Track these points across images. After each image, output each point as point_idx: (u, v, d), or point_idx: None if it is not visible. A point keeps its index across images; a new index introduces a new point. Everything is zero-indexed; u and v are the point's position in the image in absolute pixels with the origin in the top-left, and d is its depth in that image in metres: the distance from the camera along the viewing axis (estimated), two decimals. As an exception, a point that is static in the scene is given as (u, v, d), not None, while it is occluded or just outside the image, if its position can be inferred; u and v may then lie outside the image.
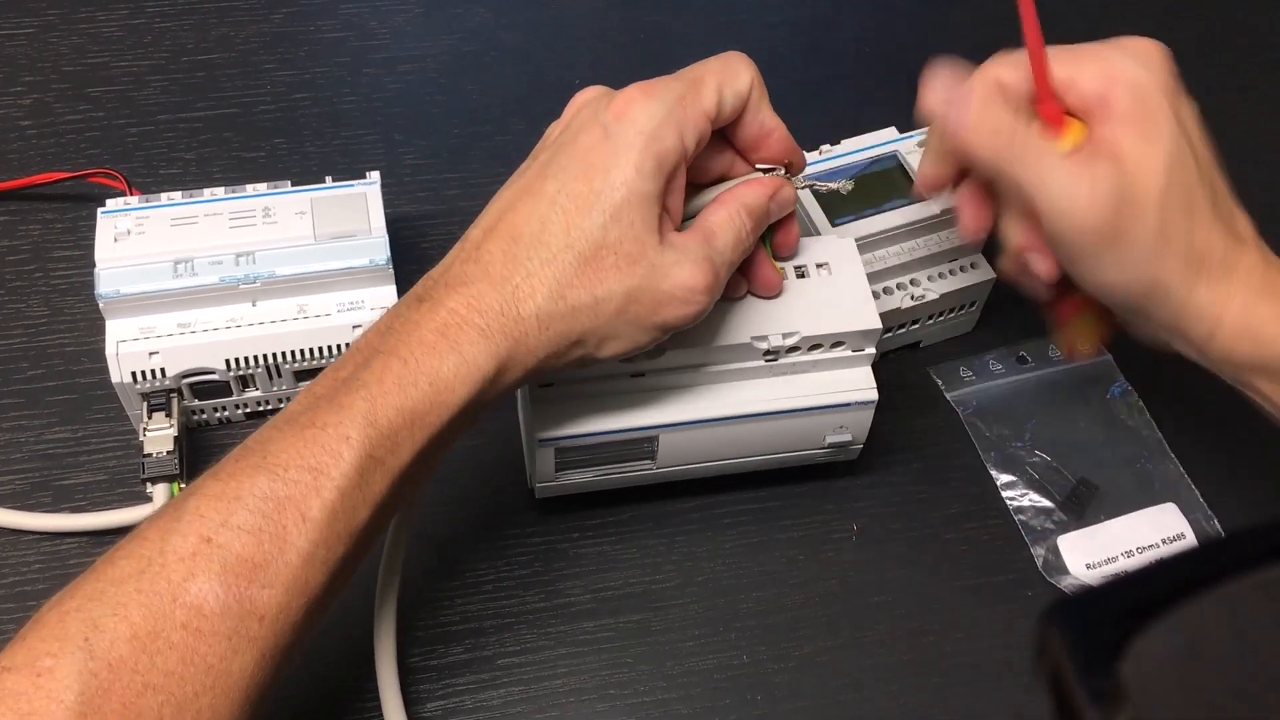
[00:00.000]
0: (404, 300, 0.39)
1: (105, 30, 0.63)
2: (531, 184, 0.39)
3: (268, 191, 0.49)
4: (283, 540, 0.34)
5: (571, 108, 0.42)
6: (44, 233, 0.55)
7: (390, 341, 0.37)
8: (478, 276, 0.38)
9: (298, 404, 0.37)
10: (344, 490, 0.35)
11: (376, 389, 0.36)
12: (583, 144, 0.39)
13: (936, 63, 0.43)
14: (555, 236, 0.38)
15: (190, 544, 0.33)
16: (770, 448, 0.46)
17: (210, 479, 0.35)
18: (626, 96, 0.39)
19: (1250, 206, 0.43)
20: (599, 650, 0.46)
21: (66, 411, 0.50)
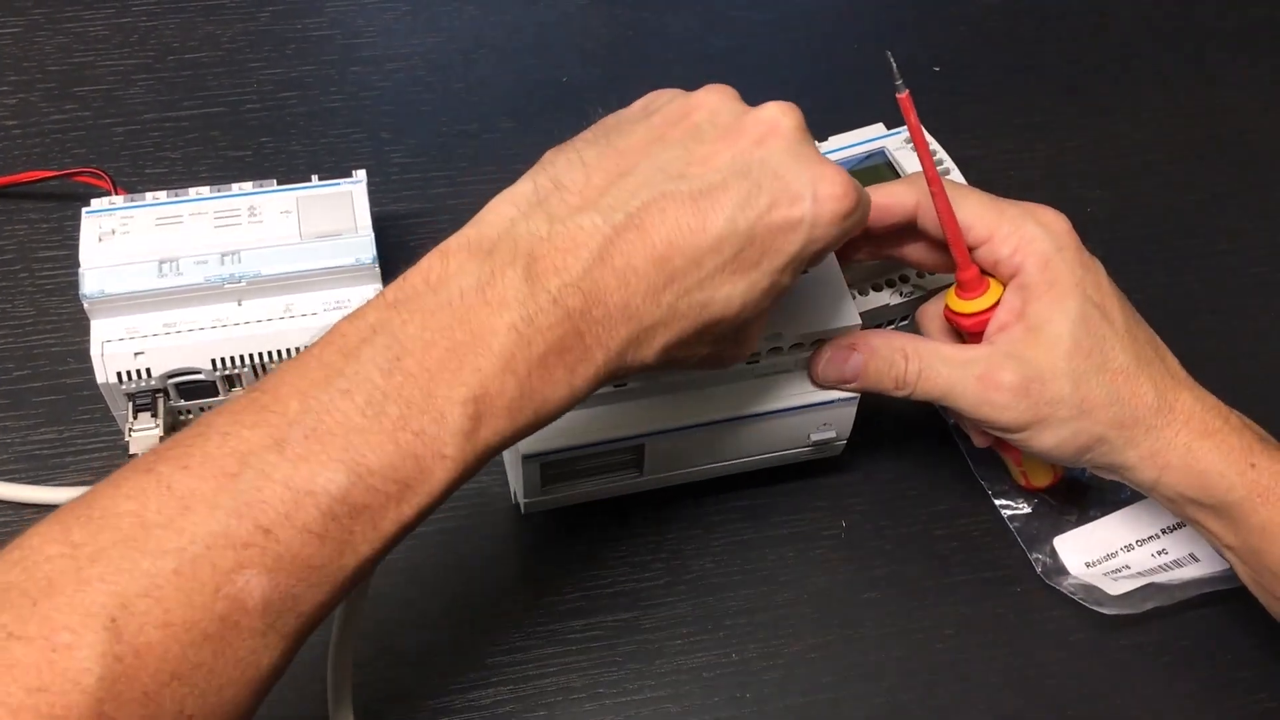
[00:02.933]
0: (522, 262, 0.33)
1: (91, 29, 0.62)
2: (701, 204, 0.35)
3: (253, 191, 0.49)
4: (346, 546, 0.31)
5: (712, 95, 0.37)
6: (29, 232, 0.55)
7: (510, 345, 0.32)
8: (616, 302, 0.34)
9: (379, 368, 0.31)
10: (423, 507, 0.32)
11: (486, 408, 0.32)
12: (778, 203, 0.35)
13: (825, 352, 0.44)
14: (705, 289, 0.35)
15: (245, 531, 0.29)
16: (756, 449, 0.46)
17: (273, 451, 0.30)
18: (839, 191, 0.36)
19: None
20: (588, 649, 0.46)
21: (52, 412, 0.50)
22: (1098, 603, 0.47)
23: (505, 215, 0.35)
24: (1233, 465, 0.41)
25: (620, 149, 0.36)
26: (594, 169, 0.35)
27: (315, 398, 0.31)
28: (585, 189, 0.35)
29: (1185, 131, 0.64)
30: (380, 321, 0.32)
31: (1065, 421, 0.42)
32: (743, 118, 0.37)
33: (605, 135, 0.37)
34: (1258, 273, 0.59)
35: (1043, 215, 0.44)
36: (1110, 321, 0.42)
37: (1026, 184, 0.61)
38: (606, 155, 0.36)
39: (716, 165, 0.35)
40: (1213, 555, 0.49)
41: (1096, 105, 0.65)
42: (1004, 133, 0.63)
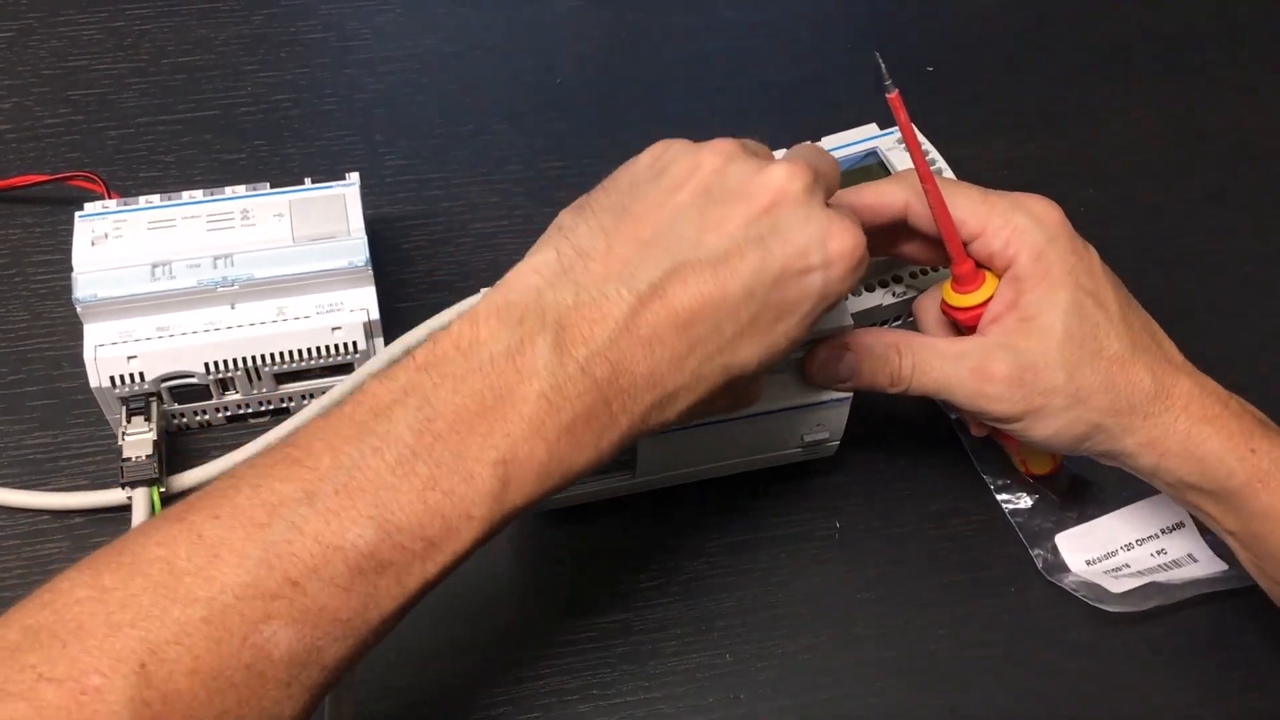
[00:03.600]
0: (551, 331, 0.34)
1: (85, 33, 0.62)
2: (721, 272, 0.35)
3: (246, 194, 0.49)
4: (372, 601, 0.32)
5: (719, 156, 0.37)
6: (23, 237, 0.55)
7: (540, 412, 0.33)
8: (642, 371, 0.35)
9: (411, 429, 0.32)
10: (447, 566, 0.33)
11: (515, 470, 0.33)
12: (793, 268, 0.36)
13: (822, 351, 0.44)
14: (726, 354, 0.36)
15: (274, 583, 0.30)
16: (749, 450, 0.46)
17: (304, 504, 0.31)
18: (849, 247, 0.37)
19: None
20: (581, 651, 0.46)
21: (47, 416, 0.50)
22: (1099, 600, 0.47)
23: (531, 284, 0.35)
24: (1232, 450, 0.41)
25: (637, 214, 0.37)
26: (615, 237, 0.36)
27: (347, 454, 0.32)
28: (608, 258, 0.36)
29: (1176, 132, 0.64)
30: (411, 383, 0.33)
31: (1061, 411, 0.42)
32: (751, 180, 0.37)
33: (620, 198, 0.37)
34: (1250, 271, 0.59)
35: (1034, 206, 0.44)
36: (1104, 309, 0.42)
37: (1018, 184, 0.60)
38: (625, 222, 0.36)
39: (730, 231, 0.36)
40: (1211, 556, 0.49)
41: (1088, 106, 0.65)
42: (996, 133, 0.63)
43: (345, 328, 0.47)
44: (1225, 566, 0.49)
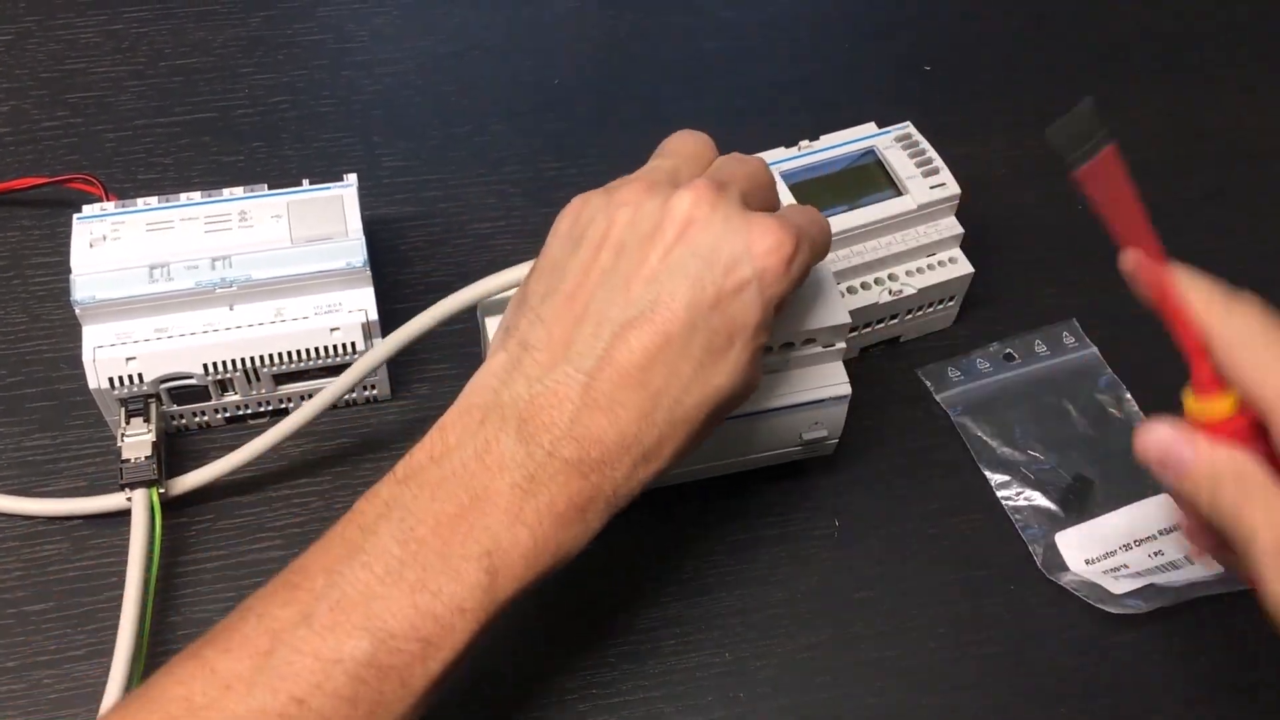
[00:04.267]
0: (513, 425, 0.35)
1: (83, 36, 0.62)
2: (656, 319, 0.36)
3: (244, 195, 0.49)
4: (379, 706, 0.33)
5: (625, 208, 0.37)
6: (22, 239, 0.55)
7: (515, 502, 0.35)
8: (611, 439, 0.35)
9: (394, 540, 0.34)
10: (450, 662, 0.34)
11: (500, 560, 0.34)
12: (725, 287, 0.36)
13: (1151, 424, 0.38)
14: (693, 393, 0.36)
15: (280, 703, 0.32)
16: (748, 449, 0.46)
17: (302, 626, 0.33)
18: (774, 247, 0.36)
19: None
20: (580, 650, 0.46)
21: (46, 418, 0.50)
22: (1100, 601, 0.47)
23: (489, 385, 0.37)
24: None
25: (566, 293, 0.37)
26: (552, 324, 0.37)
27: (339, 573, 0.34)
28: (550, 344, 0.37)
29: (1174, 131, 0.64)
30: (393, 497, 0.35)
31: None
32: (659, 217, 0.37)
33: (549, 281, 0.38)
34: (1248, 269, 0.59)
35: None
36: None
37: (1017, 179, 0.61)
38: (557, 305, 0.37)
39: (651, 275, 0.36)
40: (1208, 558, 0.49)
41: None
42: (994, 131, 0.63)
43: (344, 328, 0.48)
44: (1222, 569, 0.49)
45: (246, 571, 0.47)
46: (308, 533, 0.48)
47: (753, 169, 0.41)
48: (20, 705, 0.43)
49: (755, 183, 0.40)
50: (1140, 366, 0.55)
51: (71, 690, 0.44)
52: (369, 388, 0.51)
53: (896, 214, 0.50)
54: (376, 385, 0.51)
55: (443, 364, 0.53)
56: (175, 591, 0.46)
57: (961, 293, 0.54)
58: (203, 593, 0.46)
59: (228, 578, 0.47)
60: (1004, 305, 0.57)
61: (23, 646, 0.45)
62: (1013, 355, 0.54)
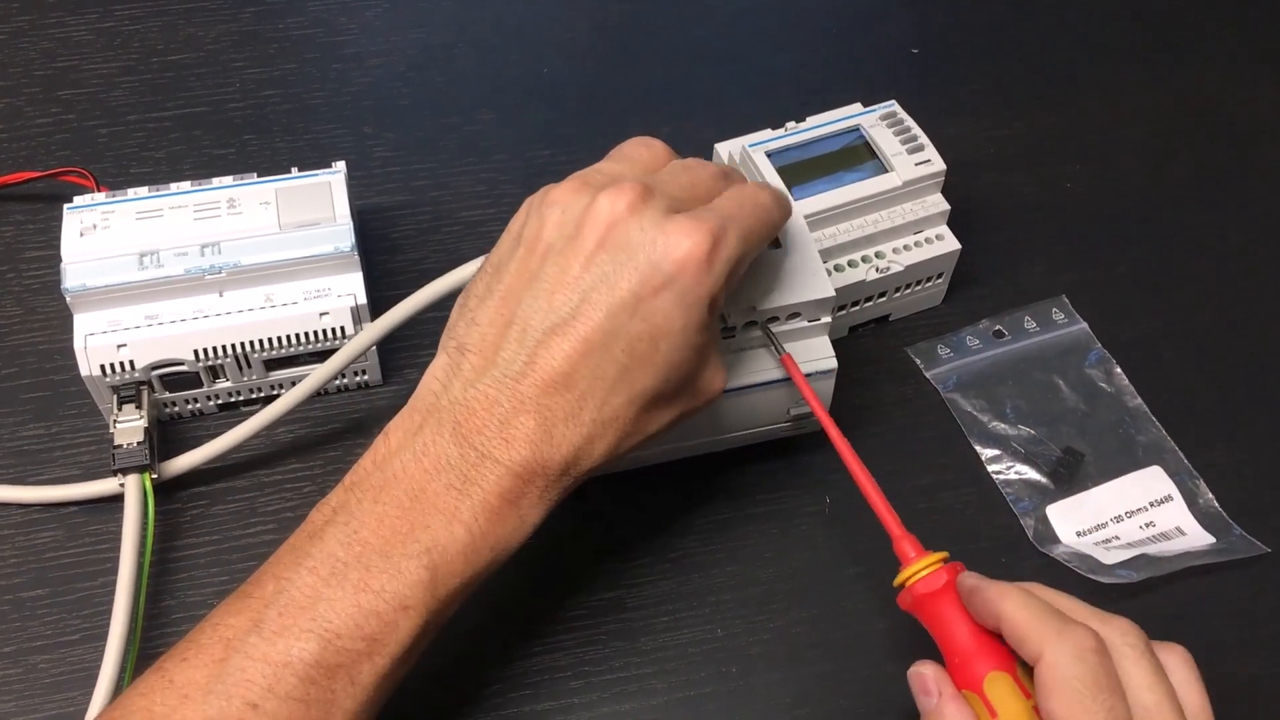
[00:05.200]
0: (449, 428, 0.36)
1: (75, 34, 0.63)
2: (576, 326, 0.36)
3: (233, 183, 0.49)
4: (331, 705, 0.34)
5: (555, 208, 0.38)
6: (15, 233, 0.55)
7: (451, 501, 0.36)
8: (540, 438, 0.36)
9: (339, 543, 0.35)
10: (397, 657, 0.35)
11: (440, 557, 0.35)
12: (640, 294, 0.36)
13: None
14: (620, 393, 0.37)
15: (235, 709, 0.33)
16: (736, 425, 0.47)
17: (253, 633, 0.34)
18: (690, 250, 0.36)
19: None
20: (572, 627, 0.46)
21: (39, 408, 0.50)
22: (1092, 571, 0.47)
23: (431, 389, 0.38)
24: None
25: (501, 295, 0.38)
26: (485, 326, 0.38)
27: (287, 579, 0.35)
28: (483, 347, 0.38)
29: (1163, 109, 0.64)
30: (339, 503, 0.37)
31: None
32: (581, 221, 0.37)
33: (489, 283, 0.39)
34: (1237, 241, 0.59)
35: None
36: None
37: (1006, 159, 0.62)
38: (491, 308, 0.38)
39: (573, 283, 0.37)
40: (1199, 530, 0.49)
41: (1074, 85, 0.65)
42: (982, 112, 0.63)
43: (333, 313, 0.48)
44: (1213, 540, 0.49)
45: (239, 555, 0.47)
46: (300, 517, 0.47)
47: (696, 178, 0.40)
48: (16, 690, 0.44)
49: (695, 191, 0.39)
50: (1130, 342, 0.55)
51: (67, 674, 0.44)
52: (360, 373, 0.51)
53: (882, 191, 0.51)
54: (367, 371, 0.51)
55: (432, 350, 0.52)
56: (169, 576, 0.46)
57: (949, 270, 0.54)
58: (197, 577, 0.46)
59: (221, 562, 0.47)
60: (993, 284, 0.57)
61: (19, 632, 0.45)
62: (1002, 332, 0.55)
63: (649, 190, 0.37)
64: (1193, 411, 0.53)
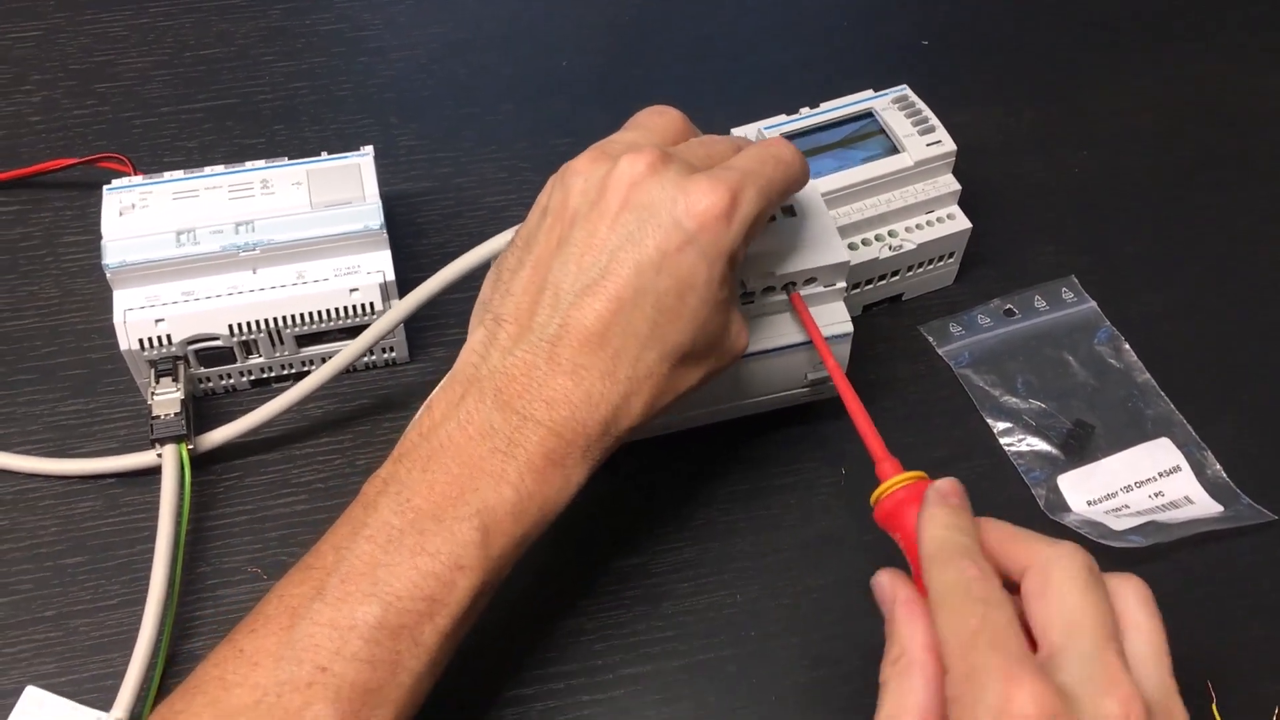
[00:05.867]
0: (491, 395, 0.38)
1: (110, 30, 0.65)
2: (607, 285, 0.38)
3: (265, 166, 0.51)
4: (396, 665, 0.35)
5: (578, 176, 0.40)
6: (54, 219, 0.57)
7: (497, 464, 0.37)
8: (578, 398, 0.38)
9: (393, 511, 0.37)
10: (457, 616, 0.37)
11: (490, 518, 0.37)
12: (666, 250, 0.38)
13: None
14: (652, 349, 0.38)
15: (306, 673, 0.35)
16: (755, 391, 0.48)
17: (317, 599, 0.36)
18: (709, 205, 0.38)
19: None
20: (597, 594, 0.47)
21: (78, 385, 0.52)
22: (1103, 537, 0.48)
23: (470, 361, 0.40)
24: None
25: (532, 265, 0.40)
26: (519, 295, 0.39)
27: (346, 548, 0.37)
28: (518, 315, 0.39)
29: (1168, 98, 0.66)
30: (389, 475, 0.38)
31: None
32: (604, 186, 0.39)
33: (519, 256, 0.41)
34: (1242, 224, 0.60)
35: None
36: None
37: (1016, 146, 0.63)
38: (523, 278, 0.40)
39: (601, 244, 0.38)
40: (1208, 499, 0.50)
41: (1080, 74, 0.67)
42: (991, 101, 0.65)
43: (363, 289, 0.49)
44: (1221, 508, 0.50)
45: (272, 524, 0.48)
46: (330, 489, 0.50)
47: (712, 150, 0.42)
48: (57, 651, 0.45)
49: (712, 160, 0.41)
50: (1138, 320, 0.56)
51: (106, 637, 0.45)
52: (388, 350, 0.53)
53: (895, 171, 0.52)
54: (395, 348, 0.53)
55: (458, 329, 0.54)
56: (204, 544, 0.48)
57: (961, 249, 0.55)
58: (231, 545, 0.48)
59: (254, 530, 0.48)
60: (1003, 265, 0.58)
61: (59, 597, 0.46)
62: (1013, 311, 0.56)
63: (667, 154, 0.39)
64: (1200, 387, 0.54)
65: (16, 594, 0.46)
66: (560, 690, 0.45)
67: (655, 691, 0.45)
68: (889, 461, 0.41)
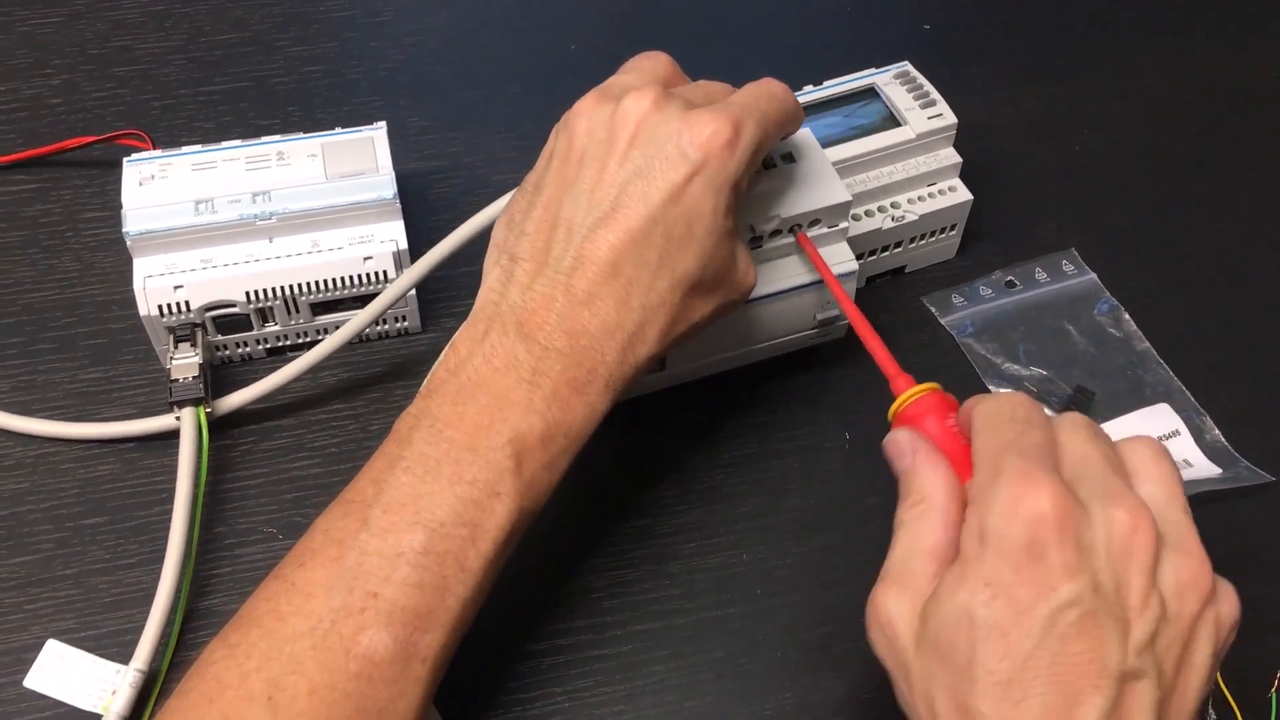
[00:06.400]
0: (513, 329, 0.39)
1: (129, 17, 0.66)
2: (618, 217, 0.39)
3: (281, 139, 0.52)
4: (444, 590, 0.37)
5: (583, 117, 0.41)
6: (74, 196, 0.59)
7: (524, 394, 0.38)
8: (595, 327, 0.39)
9: (428, 443, 0.38)
10: (498, 541, 0.38)
11: (521, 446, 0.38)
12: (674, 180, 0.39)
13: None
14: (663, 277, 0.40)
15: (358, 600, 0.36)
16: (765, 333, 0.49)
17: (362, 530, 0.37)
18: (712, 135, 0.39)
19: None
20: (605, 553, 0.48)
21: (98, 354, 0.53)
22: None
23: (490, 300, 0.41)
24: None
25: (544, 205, 0.41)
26: (533, 235, 0.41)
27: (385, 481, 0.38)
28: (534, 253, 0.41)
29: (1169, 78, 0.67)
30: (421, 410, 0.39)
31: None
32: (610, 124, 0.40)
33: (530, 198, 0.42)
34: (1242, 201, 0.61)
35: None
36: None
37: (1017, 127, 0.64)
38: (535, 218, 0.41)
39: (612, 179, 0.40)
40: (1207, 462, 0.51)
41: (1082, 58, 0.68)
42: (994, 84, 0.66)
43: (376, 258, 0.51)
44: (1220, 471, 0.50)
45: (288, 487, 0.49)
46: (344, 453, 0.51)
47: (709, 90, 0.43)
48: (77, 608, 0.46)
49: (710, 99, 0.42)
50: (1138, 292, 0.57)
51: (124, 594, 0.46)
52: (400, 320, 0.54)
53: (897, 143, 0.53)
54: (407, 318, 0.54)
55: (468, 299, 0.54)
56: (221, 506, 0.49)
57: (962, 221, 0.56)
58: (248, 506, 0.49)
59: (269, 492, 0.49)
60: (1005, 240, 0.59)
61: (79, 556, 0.47)
62: (1014, 282, 0.57)
63: (668, 91, 0.41)
64: (1199, 356, 0.55)
65: (38, 553, 0.47)
66: (570, 646, 0.46)
67: (663, 647, 0.46)
68: (903, 378, 0.42)
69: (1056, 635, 0.32)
